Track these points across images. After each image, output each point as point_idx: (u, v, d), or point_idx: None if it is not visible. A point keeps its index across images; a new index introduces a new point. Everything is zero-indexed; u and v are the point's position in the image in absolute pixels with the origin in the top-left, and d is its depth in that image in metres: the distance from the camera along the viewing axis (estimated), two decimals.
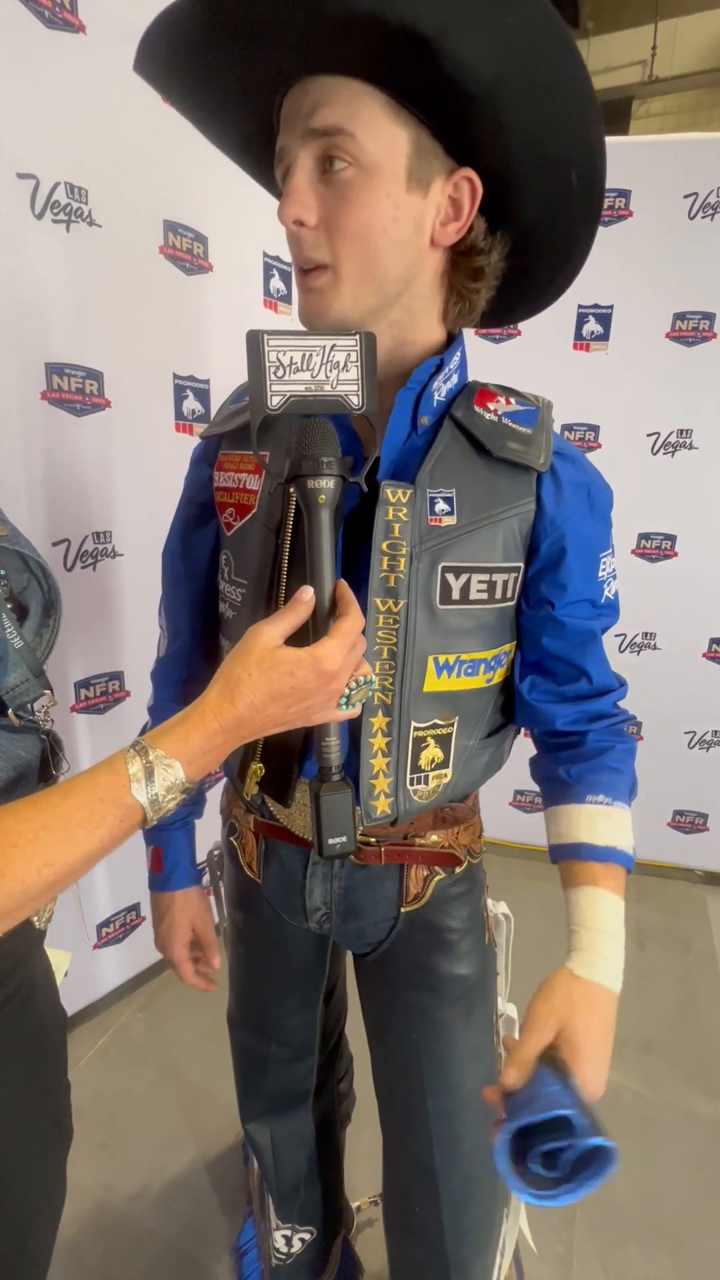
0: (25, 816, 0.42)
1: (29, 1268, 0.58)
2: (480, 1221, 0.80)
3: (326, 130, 0.53)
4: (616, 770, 0.71)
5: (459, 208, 0.58)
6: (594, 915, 0.65)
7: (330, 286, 0.57)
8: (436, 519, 0.62)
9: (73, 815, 0.43)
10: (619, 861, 0.68)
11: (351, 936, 0.78)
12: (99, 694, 1.52)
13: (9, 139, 1.15)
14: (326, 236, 0.56)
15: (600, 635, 0.71)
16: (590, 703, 0.72)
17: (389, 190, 0.55)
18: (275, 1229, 0.99)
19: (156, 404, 1.52)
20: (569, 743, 0.73)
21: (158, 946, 0.87)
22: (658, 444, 2.03)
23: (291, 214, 0.55)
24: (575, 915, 0.66)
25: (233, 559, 0.71)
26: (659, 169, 1.85)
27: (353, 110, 0.53)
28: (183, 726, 0.48)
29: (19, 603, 0.57)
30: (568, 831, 0.70)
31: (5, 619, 0.53)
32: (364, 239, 0.55)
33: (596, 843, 0.68)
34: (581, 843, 0.69)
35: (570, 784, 0.72)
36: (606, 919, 0.65)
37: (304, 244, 0.56)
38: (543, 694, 0.72)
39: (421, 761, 0.67)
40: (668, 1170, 1.36)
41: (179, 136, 1.42)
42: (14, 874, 0.40)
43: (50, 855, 0.42)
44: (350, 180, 0.54)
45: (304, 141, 0.54)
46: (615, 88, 6.77)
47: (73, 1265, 1.16)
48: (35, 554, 0.58)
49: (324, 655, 0.49)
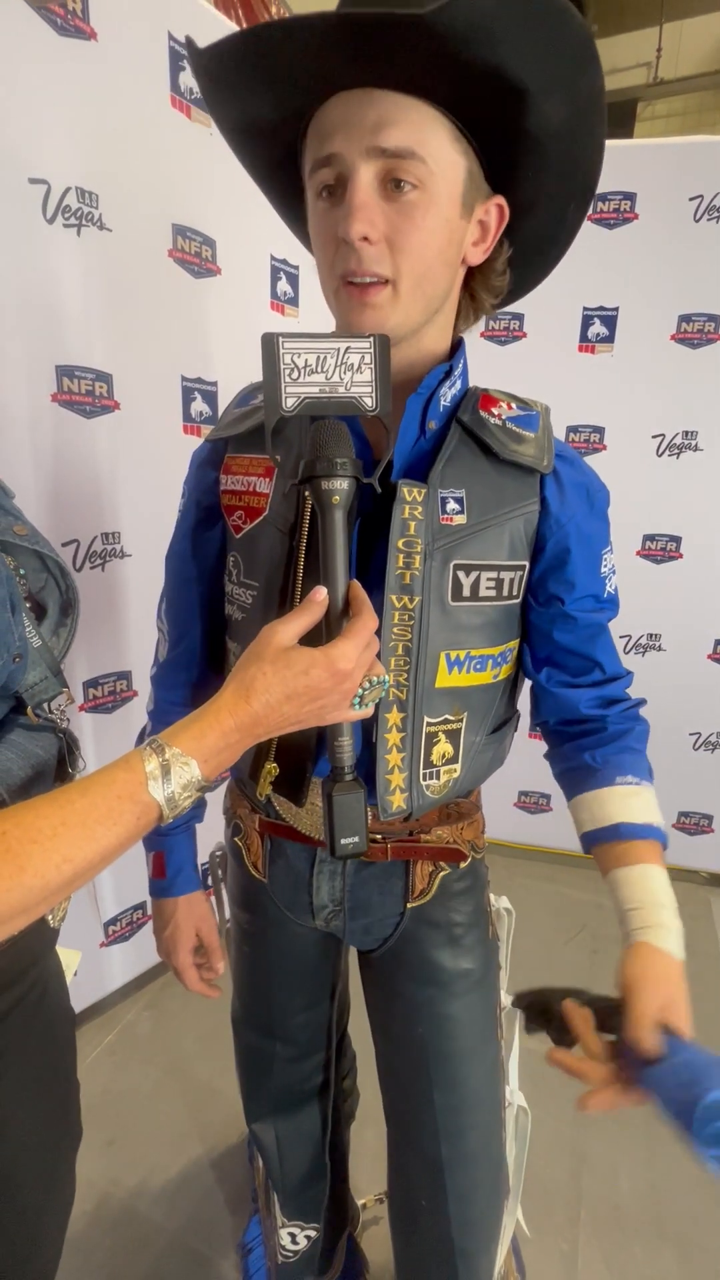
0: (44, 813, 0.42)
1: (41, 1264, 0.58)
2: (485, 1214, 0.81)
3: (398, 152, 0.54)
4: (638, 751, 0.74)
5: (485, 230, 0.62)
6: (653, 890, 0.65)
7: (389, 302, 0.59)
8: (448, 518, 0.64)
9: (91, 812, 0.43)
10: (656, 838, 0.68)
11: (358, 933, 0.79)
12: (107, 693, 1.53)
13: (22, 145, 1.16)
14: (389, 253, 0.57)
15: (607, 627, 0.74)
16: (606, 687, 0.74)
17: (447, 214, 0.57)
18: (281, 1226, 0.99)
19: (165, 406, 1.53)
20: (591, 729, 0.75)
21: (161, 954, 0.87)
22: (663, 446, 2.03)
23: (359, 230, 0.55)
24: (631, 894, 0.66)
25: (241, 561, 0.72)
26: (664, 172, 1.85)
27: (424, 135, 0.54)
28: (198, 725, 0.48)
29: (37, 602, 0.58)
30: (602, 815, 0.70)
31: (25, 618, 0.53)
32: (423, 258, 0.57)
33: (635, 820, 0.68)
34: (620, 823, 0.69)
35: (598, 768, 0.72)
36: (663, 892, 0.65)
37: (366, 258, 0.56)
38: (560, 683, 0.74)
39: (434, 756, 0.68)
40: (673, 1170, 1.36)
41: (188, 142, 1.44)
42: (34, 869, 0.40)
43: (69, 851, 0.42)
44: (416, 202, 0.56)
45: (368, 157, 0.54)
46: (620, 90, 6.76)
47: (80, 1260, 1.17)
48: (54, 554, 0.58)
49: (338, 655, 0.50)
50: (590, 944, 2.01)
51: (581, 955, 1.95)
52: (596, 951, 1.97)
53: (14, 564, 0.54)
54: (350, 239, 0.55)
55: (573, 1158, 1.39)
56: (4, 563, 0.51)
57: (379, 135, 0.53)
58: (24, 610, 0.53)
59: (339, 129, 0.55)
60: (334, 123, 0.55)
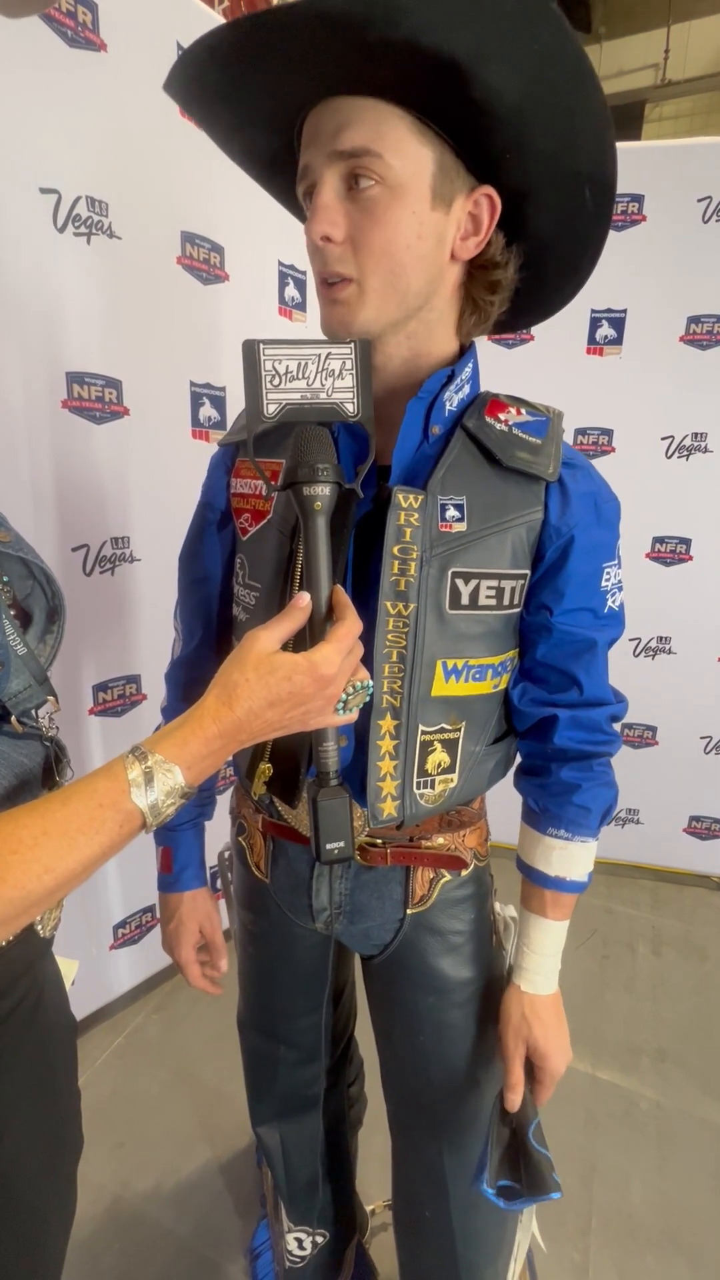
0: (25, 823, 0.42)
1: (43, 1273, 0.57)
2: (491, 1226, 0.80)
3: (354, 151, 0.54)
4: (584, 808, 0.73)
5: (478, 223, 0.60)
6: (537, 941, 0.75)
7: (355, 298, 0.58)
8: (447, 525, 0.63)
9: (72, 821, 0.43)
10: (565, 890, 0.74)
11: (358, 938, 0.78)
12: (116, 697, 1.54)
13: (33, 155, 1.18)
14: (353, 251, 0.57)
15: (601, 646, 0.70)
16: (582, 711, 0.71)
17: (414, 208, 0.56)
18: (289, 1231, 0.99)
19: (173, 411, 1.54)
20: (539, 772, 0.75)
21: (165, 947, 0.87)
22: (672, 447, 2.02)
23: (319, 230, 0.56)
24: (522, 935, 0.77)
25: (247, 563, 0.72)
26: (672, 173, 1.84)
27: (380, 131, 0.54)
28: (181, 731, 0.48)
29: (22, 609, 0.57)
30: (525, 852, 0.78)
31: (7, 625, 0.52)
32: (389, 254, 0.57)
33: (548, 872, 0.74)
34: (534, 868, 0.75)
35: (536, 813, 0.76)
36: (545, 943, 0.75)
37: (330, 258, 0.57)
38: (532, 701, 0.72)
39: (428, 766, 0.67)
40: (685, 1180, 1.35)
41: (196, 150, 1.44)
42: (14, 880, 0.40)
43: (50, 861, 0.41)
44: (377, 198, 0.55)
45: (330, 162, 0.56)
46: (628, 91, 6.76)
47: (88, 1264, 1.17)
48: (39, 560, 0.57)
49: (321, 660, 0.50)
50: (601, 949, 1.99)
51: (592, 960, 1.94)
52: (607, 957, 1.96)
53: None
54: (313, 240, 0.57)
55: (583, 1166, 1.37)
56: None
57: (337, 139, 0.55)
58: (7, 618, 0.53)
59: (310, 142, 0.57)
60: (306, 137, 0.58)
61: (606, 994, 1.82)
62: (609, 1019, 1.73)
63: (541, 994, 0.74)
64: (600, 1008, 1.77)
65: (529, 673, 0.72)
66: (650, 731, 2.23)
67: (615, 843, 2.30)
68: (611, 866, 2.34)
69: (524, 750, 0.77)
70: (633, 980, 1.87)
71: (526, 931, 0.76)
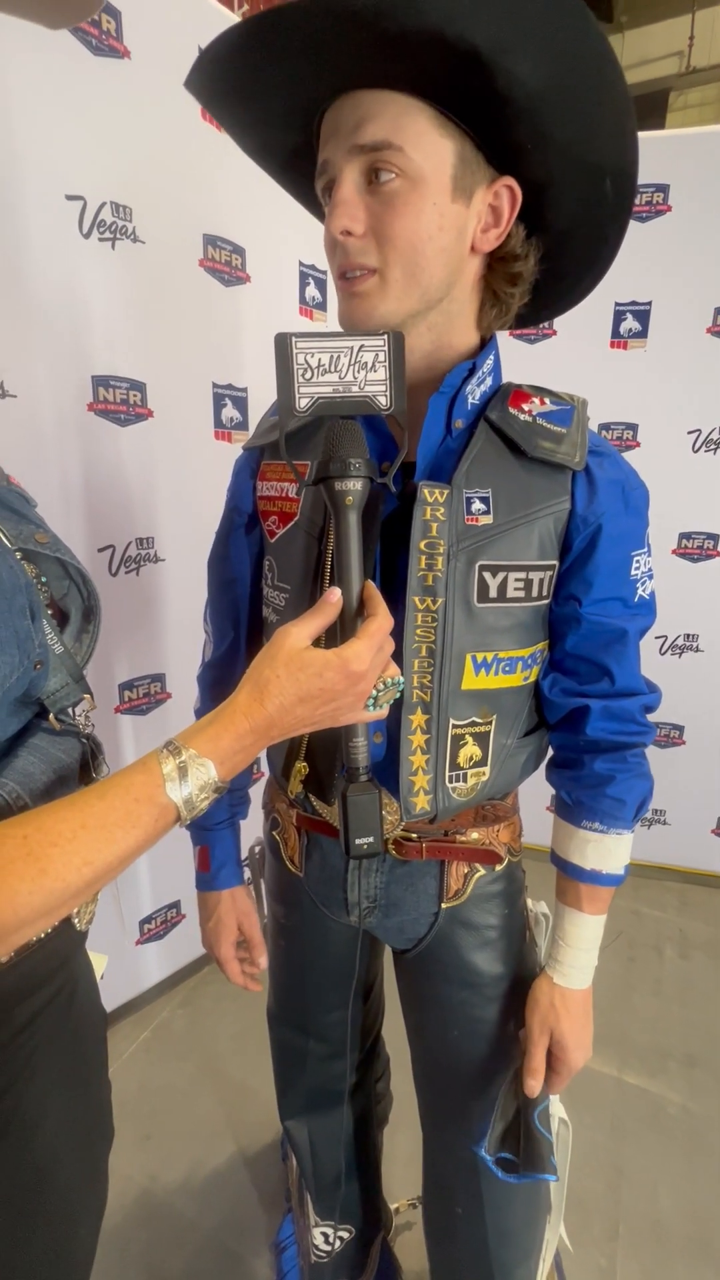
0: (64, 817, 0.43)
1: (77, 1261, 0.58)
2: (523, 1225, 0.79)
3: (375, 145, 0.54)
4: (618, 800, 0.72)
5: (499, 215, 0.60)
6: (573, 935, 0.74)
7: (376, 290, 0.58)
8: (473, 518, 0.63)
9: (109, 815, 0.43)
10: (601, 883, 0.73)
11: (392, 931, 0.79)
12: (141, 695, 1.56)
13: (59, 162, 1.20)
14: (375, 244, 0.57)
15: (633, 636, 0.69)
16: (615, 701, 0.70)
17: (435, 200, 0.56)
18: (314, 1226, 1.00)
19: (196, 413, 1.56)
20: (575, 760, 0.74)
21: (205, 945, 0.88)
22: (699, 441, 1.98)
23: (339, 225, 0.56)
24: (557, 928, 0.76)
25: (275, 565, 0.73)
26: (698, 162, 1.81)
27: (400, 124, 0.54)
28: (214, 727, 0.48)
29: (59, 609, 0.58)
30: (559, 846, 0.77)
31: (46, 625, 0.53)
32: (410, 246, 0.57)
33: (583, 865, 0.73)
34: (569, 862, 0.75)
35: (570, 806, 0.76)
36: (581, 937, 0.74)
37: (351, 251, 0.57)
38: (563, 691, 0.71)
39: (460, 759, 0.67)
40: (715, 1187, 1.32)
41: (217, 154, 1.46)
42: (55, 872, 0.41)
43: (89, 854, 0.42)
44: (397, 190, 0.55)
45: (350, 156, 0.56)
46: (651, 80, 6.64)
47: (116, 1254, 1.19)
48: (75, 561, 0.58)
49: (352, 656, 0.50)
50: (627, 951, 1.96)
51: (618, 962, 1.92)
52: (633, 960, 1.93)
53: (35, 572, 0.54)
54: (333, 234, 0.57)
55: (610, 1170, 1.35)
56: (25, 571, 0.52)
57: (358, 133, 0.55)
58: (45, 617, 0.54)
59: (329, 137, 0.57)
60: (326, 132, 0.58)
61: (633, 997, 1.79)
62: (636, 1022, 1.71)
63: (574, 988, 0.74)
64: (627, 1011, 1.75)
65: (559, 664, 0.71)
66: (677, 731, 2.20)
67: (642, 844, 2.26)
68: (638, 868, 2.31)
69: (556, 743, 0.76)
70: (659, 984, 1.85)
71: (562, 926, 0.75)
